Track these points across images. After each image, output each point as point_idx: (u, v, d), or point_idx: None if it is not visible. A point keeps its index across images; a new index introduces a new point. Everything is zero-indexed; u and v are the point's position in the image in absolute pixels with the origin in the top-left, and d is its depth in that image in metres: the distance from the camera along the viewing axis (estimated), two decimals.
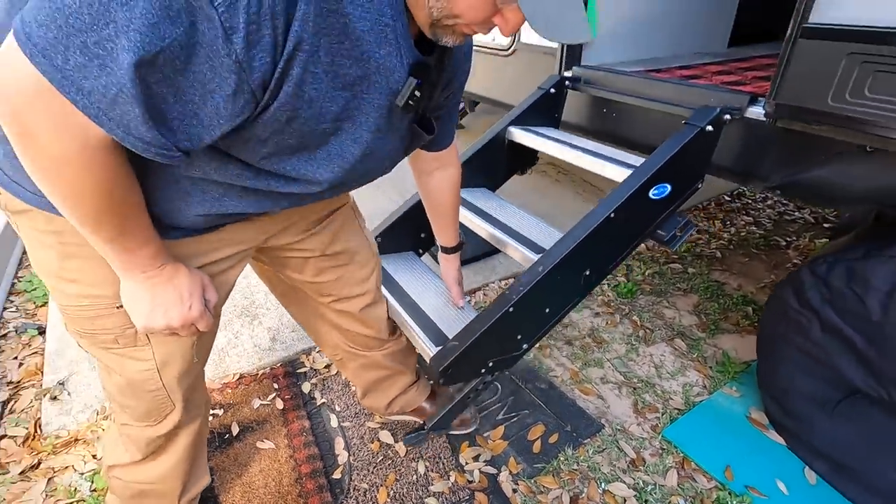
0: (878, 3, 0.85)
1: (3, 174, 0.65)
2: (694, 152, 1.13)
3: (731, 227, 2.43)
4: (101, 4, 0.42)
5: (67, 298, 0.72)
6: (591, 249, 1.07)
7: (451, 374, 1.00)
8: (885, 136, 0.88)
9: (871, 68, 0.87)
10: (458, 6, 0.57)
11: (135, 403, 0.83)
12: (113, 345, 0.75)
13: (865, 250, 1.06)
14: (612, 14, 1.74)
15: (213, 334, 0.87)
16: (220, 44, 0.46)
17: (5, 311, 1.86)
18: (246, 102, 0.51)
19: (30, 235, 0.69)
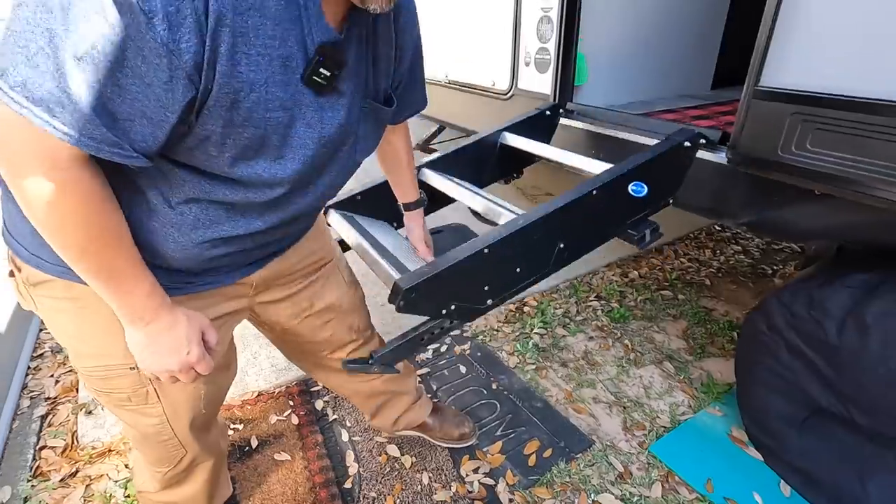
0: (814, 72, 1.00)
1: (25, 251, 0.71)
2: (670, 163, 1.22)
3: (721, 256, 2.56)
4: (35, 18, 0.46)
5: (84, 360, 0.78)
6: (569, 220, 1.10)
7: (415, 298, 0.93)
8: (826, 184, 1.02)
9: (811, 126, 1.02)
10: None
11: (150, 451, 0.93)
12: (126, 402, 0.82)
13: (823, 280, 1.19)
14: (600, 61, 1.92)
15: (225, 385, 0.96)
16: (144, 31, 0.47)
17: (41, 333, 2.01)
18: (185, 88, 0.52)
19: (48, 304, 0.75)
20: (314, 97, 0.64)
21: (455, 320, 1.05)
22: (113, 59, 0.48)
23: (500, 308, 2.13)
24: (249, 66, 0.55)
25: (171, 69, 0.50)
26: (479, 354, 1.87)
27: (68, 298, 0.72)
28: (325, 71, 0.62)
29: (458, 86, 2.36)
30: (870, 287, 1.09)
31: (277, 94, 0.59)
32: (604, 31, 1.88)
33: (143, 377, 0.79)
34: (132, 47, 0.48)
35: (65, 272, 0.67)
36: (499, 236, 1.00)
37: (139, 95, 0.51)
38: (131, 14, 0.46)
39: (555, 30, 1.72)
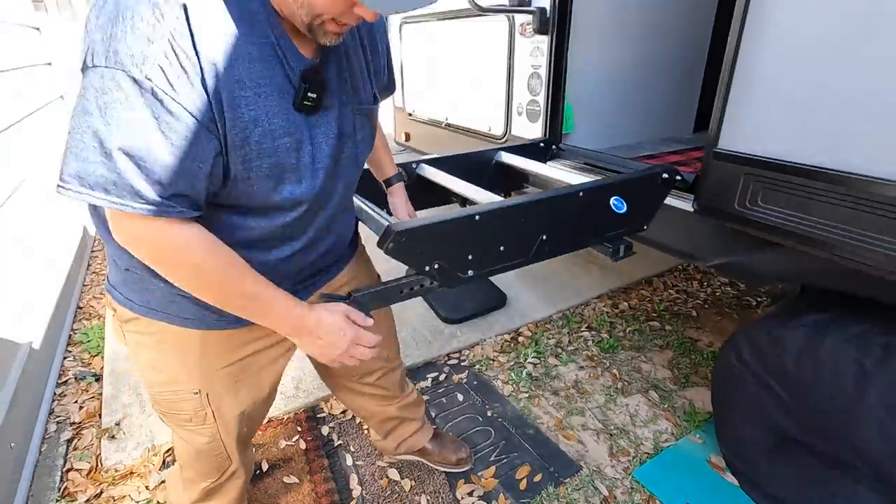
0: (762, 139, 1.15)
1: (119, 293, 0.87)
2: (648, 189, 1.31)
3: (708, 288, 2.68)
4: (84, 127, 0.59)
5: (157, 386, 0.92)
6: (556, 214, 1.15)
7: (404, 243, 0.93)
8: (776, 236, 1.16)
9: (760, 185, 1.16)
10: (316, 6, 0.65)
11: (201, 465, 1.06)
12: (188, 423, 0.96)
13: (783, 318, 1.32)
14: (586, 110, 2.08)
15: (265, 409, 1.09)
16: (162, 109, 0.59)
17: (65, 360, 2.14)
18: (207, 140, 0.64)
19: (133, 338, 0.89)
20: (305, 119, 0.75)
21: (435, 281, 1.05)
22: (147, 139, 0.60)
23: (495, 338, 2.25)
24: (248, 106, 0.66)
25: (193, 130, 0.62)
26: (476, 383, 1.98)
27: (149, 333, 0.87)
28: (311, 94, 0.73)
29: (456, 129, 2.53)
30: (821, 327, 1.22)
31: (280, 124, 0.70)
32: (588, 85, 2.06)
33: (203, 401, 0.93)
34: (159, 125, 0.60)
35: (147, 311, 0.84)
36: (491, 208, 1.05)
37: (173, 158, 0.62)
38: (149, 100, 0.59)
39: (543, 85, 1.89)
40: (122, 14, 0.58)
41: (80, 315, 2.52)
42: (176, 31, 0.60)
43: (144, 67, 0.58)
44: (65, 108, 3.82)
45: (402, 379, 1.40)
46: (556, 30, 1.79)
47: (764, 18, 1.10)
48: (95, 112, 0.59)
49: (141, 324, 0.87)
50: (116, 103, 0.59)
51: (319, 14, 0.66)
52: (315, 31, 0.69)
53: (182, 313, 0.85)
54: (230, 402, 0.97)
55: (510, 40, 2.01)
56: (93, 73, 0.60)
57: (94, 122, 0.60)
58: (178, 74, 0.60)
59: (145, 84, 0.59)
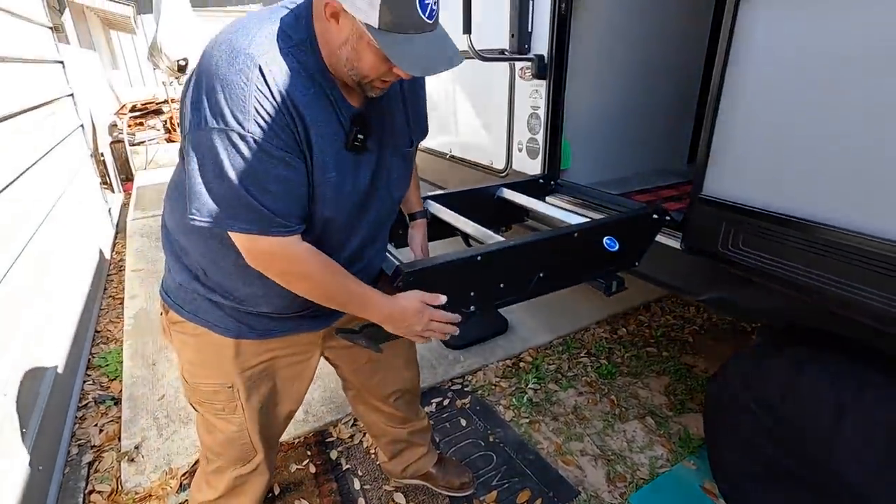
0: (741, 188, 1.25)
1: (171, 300, 1.04)
2: (639, 228, 1.39)
3: (704, 314, 2.76)
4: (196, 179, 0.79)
5: (198, 378, 1.08)
6: (551, 251, 1.24)
7: (412, 283, 1.04)
8: (757, 277, 1.25)
9: (741, 230, 1.26)
10: (362, 70, 0.80)
11: (230, 452, 1.17)
12: (221, 412, 1.11)
13: (768, 350, 1.40)
14: (582, 146, 2.19)
15: (289, 411, 1.21)
16: (276, 153, 0.77)
17: (84, 384, 2.23)
18: (301, 168, 0.81)
19: (179, 338, 1.07)
20: (354, 157, 0.89)
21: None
22: (275, 180, 0.79)
23: (497, 363, 2.33)
24: (317, 141, 0.82)
25: (290, 162, 0.79)
26: (478, 408, 2.06)
27: (193, 335, 1.03)
28: (360, 136, 0.88)
29: (460, 162, 2.65)
30: (801, 360, 1.30)
31: (331, 161, 0.85)
32: (584, 122, 2.17)
33: (235, 394, 1.08)
34: (264, 167, 0.78)
35: (193, 318, 1.01)
36: (492, 249, 1.15)
37: (288, 187, 0.80)
38: (253, 148, 0.76)
39: (542, 125, 2.01)
40: (218, 85, 0.75)
41: (98, 339, 2.62)
42: (260, 88, 0.75)
43: (246, 124, 0.75)
44: (85, 137, 3.98)
45: (417, 405, 1.50)
46: (553, 75, 1.91)
47: (741, 76, 1.21)
48: (209, 166, 0.77)
49: (187, 327, 1.03)
50: (228, 156, 0.76)
51: (366, 76, 0.81)
52: (364, 87, 0.84)
53: (220, 323, 1.01)
54: (256, 397, 1.11)
55: (511, 82, 2.13)
56: (204, 135, 0.76)
57: (209, 174, 0.77)
58: (268, 121, 0.76)
59: (248, 137, 0.75)
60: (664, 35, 2.29)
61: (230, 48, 0.76)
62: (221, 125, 0.74)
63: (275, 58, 0.77)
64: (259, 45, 0.76)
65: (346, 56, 0.79)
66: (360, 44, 0.77)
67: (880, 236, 1.01)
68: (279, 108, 0.76)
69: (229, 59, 0.75)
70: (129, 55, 9.79)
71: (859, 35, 0.98)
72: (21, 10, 2.98)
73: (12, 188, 2.04)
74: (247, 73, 0.74)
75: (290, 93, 0.78)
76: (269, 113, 0.75)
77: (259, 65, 0.75)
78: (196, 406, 1.14)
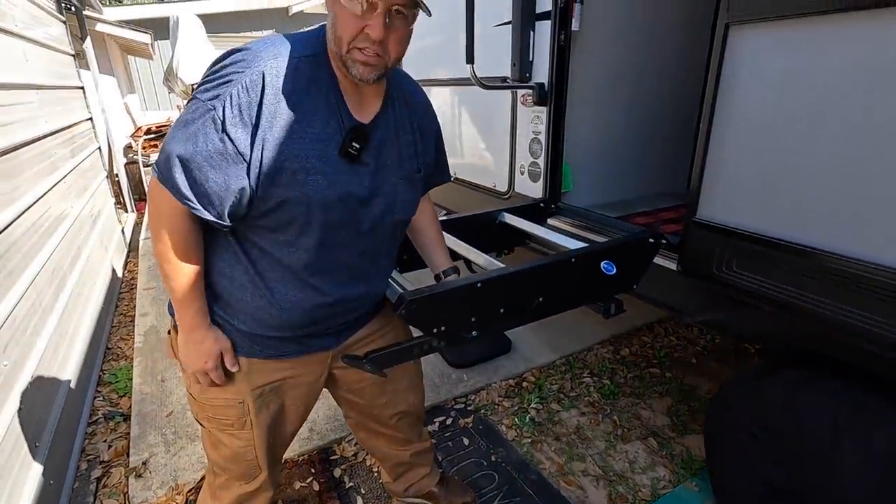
0: (733, 213, 1.30)
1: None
2: (636, 252, 1.41)
3: (707, 335, 2.76)
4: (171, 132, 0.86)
5: (207, 394, 1.10)
6: (550, 277, 1.27)
7: (415, 310, 1.06)
8: (752, 299, 1.29)
9: (733, 252, 1.30)
10: (340, 35, 0.84)
11: (235, 468, 1.20)
12: (229, 427, 1.13)
13: (767, 371, 1.42)
14: (583, 170, 2.25)
15: (292, 430, 1.23)
16: (220, 138, 0.82)
17: (95, 401, 2.28)
18: (238, 164, 0.85)
19: None
20: (348, 165, 0.93)
21: (443, 341, 1.16)
22: (196, 149, 0.83)
23: (500, 383, 2.35)
24: (293, 146, 0.86)
25: (229, 152, 0.84)
26: (481, 427, 2.07)
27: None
28: (355, 144, 0.92)
29: (465, 184, 2.72)
30: (799, 382, 1.32)
31: (318, 164, 0.88)
32: (585, 147, 2.23)
33: (245, 410, 1.10)
34: (207, 139, 0.83)
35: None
36: (491, 276, 1.17)
37: (215, 173, 0.84)
38: (208, 121, 0.82)
39: (543, 150, 2.07)
40: (223, 70, 0.84)
41: (109, 356, 2.67)
42: (247, 84, 0.82)
43: (215, 102, 0.82)
44: (102, 158, 4.11)
45: (419, 426, 1.52)
46: (554, 102, 1.98)
47: (730, 104, 1.26)
48: (180, 124, 0.85)
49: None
50: (192, 123, 0.84)
51: (339, 36, 0.84)
52: (347, 65, 0.87)
53: (233, 343, 1.04)
54: (265, 414, 1.13)
55: (513, 108, 2.21)
56: (191, 102, 0.85)
57: (175, 132, 0.85)
58: (235, 111, 0.82)
59: (210, 113, 0.82)
60: (664, 64, 2.36)
61: (249, 53, 0.85)
62: (199, 96, 0.84)
63: (283, 66, 0.85)
64: (274, 54, 0.85)
65: (331, 32, 0.86)
66: (335, 6, 0.84)
67: (868, 260, 1.04)
68: (258, 109, 0.83)
69: (242, 59, 0.84)
70: (146, 79, 10.10)
71: (842, 65, 1.04)
72: (48, 39, 3.13)
73: (33, 209, 2.12)
74: (246, 71, 0.83)
75: (283, 100, 0.84)
76: (238, 103, 0.82)
77: (263, 71, 0.83)
78: (203, 422, 1.16)
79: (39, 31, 3.00)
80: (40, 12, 3.16)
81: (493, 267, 1.41)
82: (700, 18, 2.28)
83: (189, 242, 0.94)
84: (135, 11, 9.35)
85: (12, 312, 1.67)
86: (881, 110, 0.98)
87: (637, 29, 2.23)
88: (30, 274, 1.90)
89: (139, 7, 10.97)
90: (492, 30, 2.17)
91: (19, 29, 2.54)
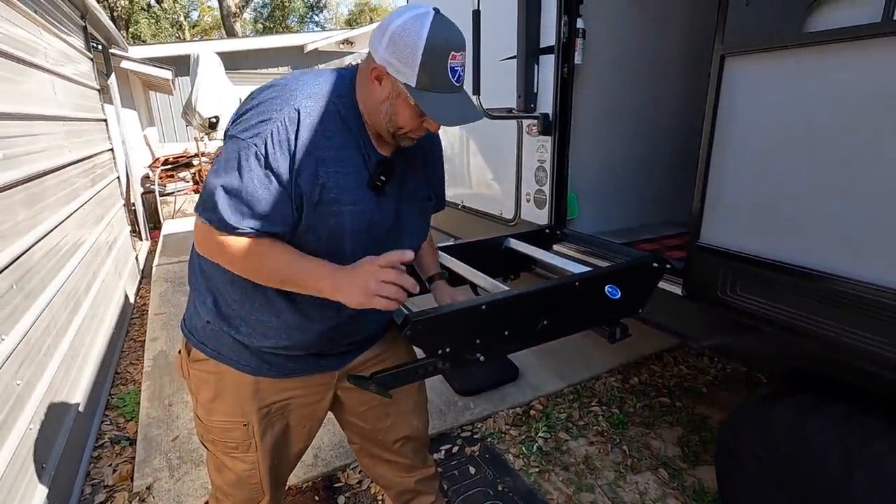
0: (735, 236, 1.31)
1: (195, 338, 1.09)
2: (641, 276, 1.40)
3: (718, 364, 2.72)
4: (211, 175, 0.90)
5: (214, 416, 1.10)
6: (554, 300, 1.27)
7: (420, 331, 1.06)
8: (757, 322, 1.29)
9: (736, 276, 1.31)
10: (399, 122, 0.94)
11: (238, 493, 1.19)
12: (234, 450, 1.13)
13: (774, 398, 1.40)
14: (589, 198, 2.29)
15: (296, 454, 1.23)
16: (261, 163, 0.87)
17: (102, 424, 2.28)
18: (284, 193, 0.89)
19: (198, 376, 1.11)
20: (374, 196, 0.99)
21: (447, 363, 1.14)
22: (247, 182, 0.88)
23: (508, 411, 2.32)
24: (328, 178, 0.92)
25: (275, 183, 0.88)
26: (488, 456, 2.04)
27: (214, 373, 1.08)
28: (382, 177, 0.98)
29: (472, 212, 2.76)
30: (807, 408, 1.30)
31: (350, 196, 0.94)
32: (590, 175, 2.27)
33: (250, 432, 1.10)
34: (255, 175, 0.88)
35: (217, 356, 1.06)
36: (496, 298, 1.18)
37: (269, 199, 0.89)
38: (253, 158, 0.87)
39: (548, 178, 2.12)
40: (259, 108, 0.90)
41: (118, 380, 2.69)
42: (285, 121, 0.88)
43: (256, 139, 0.88)
44: (120, 188, 4.24)
45: (424, 452, 1.50)
46: (558, 131, 2.03)
47: (728, 131, 1.30)
48: (221, 162, 0.89)
49: (209, 365, 1.08)
50: (235, 160, 0.88)
51: (401, 127, 0.95)
52: (398, 138, 0.98)
53: (243, 361, 1.06)
54: (270, 435, 1.13)
55: (519, 138, 2.27)
56: (230, 140, 0.90)
57: (219, 174, 0.89)
58: (276, 147, 0.88)
59: (252, 149, 0.87)
60: (665, 95, 2.43)
61: (283, 90, 0.91)
62: (239, 134, 0.89)
63: (316, 105, 0.92)
64: (308, 94, 0.92)
65: (386, 111, 0.94)
66: (398, 100, 0.92)
67: (868, 282, 1.05)
68: (294, 143, 0.88)
69: (277, 96, 0.90)
70: (165, 113, 10.47)
71: (829, 93, 1.07)
72: (76, 75, 3.30)
73: (53, 234, 2.19)
74: (283, 109, 0.88)
75: (315, 137, 0.90)
76: (279, 139, 0.87)
77: (299, 108, 0.89)
78: (208, 445, 1.16)
79: (69, 67, 3.17)
80: (71, 50, 3.34)
81: (497, 290, 1.42)
82: (698, 51, 2.36)
83: (245, 249, 0.91)
84: (158, 50, 9.78)
85: (28, 333, 1.70)
86: (867, 135, 1.02)
87: (638, 61, 2.30)
88: (46, 296, 1.95)
89: (162, 45, 11.50)
90: (498, 63, 2.25)
91: (50, 65, 2.69)
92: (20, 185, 1.93)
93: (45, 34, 2.71)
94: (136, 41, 18.79)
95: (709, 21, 1.40)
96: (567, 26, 1.93)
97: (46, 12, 2.82)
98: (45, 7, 2.82)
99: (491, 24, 1.96)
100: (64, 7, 3.33)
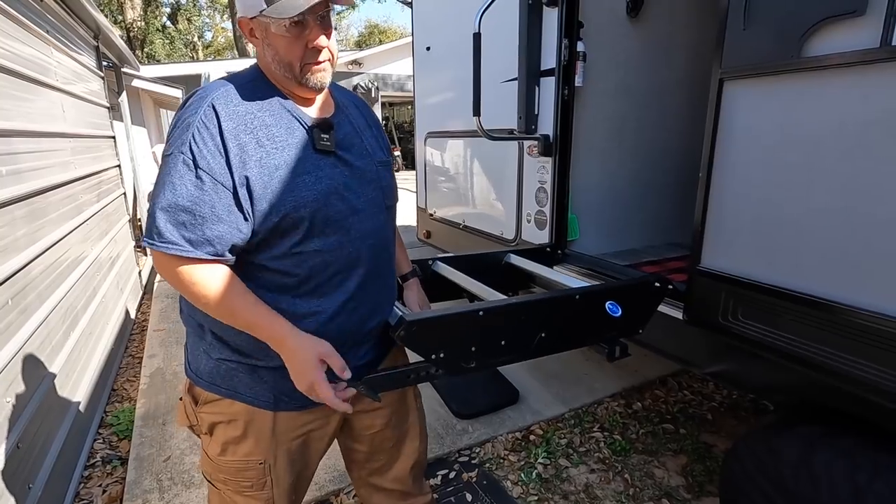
0: (735, 261, 1.29)
1: (204, 381, 1.04)
2: (642, 295, 1.39)
3: (723, 390, 2.66)
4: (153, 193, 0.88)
5: (229, 456, 1.05)
6: (552, 312, 1.25)
7: (414, 332, 1.04)
8: (758, 349, 1.25)
9: (738, 301, 1.28)
10: (285, 58, 0.90)
11: None
12: (248, 489, 1.07)
13: (780, 428, 1.35)
14: (590, 220, 2.27)
15: (304, 488, 1.18)
16: (197, 173, 0.84)
17: (95, 443, 2.25)
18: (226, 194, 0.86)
19: (209, 418, 1.05)
20: (328, 160, 0.97)
21: (441, 369, 1.12)
22: (186, 199, 0.85)
23: (507, 435, 2.26)
24: (271, 157, 0.90)
25: (214, 184, 0.86)
26: (485, 483, 1.98)
27: (228, 413, 1.03)
28: (323, 135, 0.95)
29: (473, 232, 2.75)
30: (814, 439, 1.25)
31: (301, 165, 0.91)
32: (592, 196, 2.27)
33: (266, 470, 1.05)
34: (195, 188, 0.85)
35: (233, 395, 1.01)
36: (494, 305, 1.16)
37: (208, 201, 0.86)
38: (190, 169, 0.85)
39: (549, 199, 2.11)
40: (181, 121, 0.89)
41: (113, 397, 2.66)
42: (203, 120, 0.86)
43: (182, 148, 0.86)
44: (126, 203, 4.28)
45: (422, 478, 1.45)
46: (559, 153, 2.03)
47: (727, 155, 1.29)
48: (157, 185, 0.87)
49: (222, 405, 1.03)
50: (166, 176, 0.86)
51: (291, 62, 0.90)
52: (302, 80, 0.92)
53: (260, 397, 1.02)
54: (287, 471, 1.09)
55: (520, 158, 2.27)
56: (161, 162, 0.89)
57: (155, 191, 0.87)
58: (202, 146, 0.86)
59: (180, 158, 0.85)
60: (665, 118, 2.43)
61: (196, 97, 0.91)
62: (166, 152, 0.88)
63: (231, 94, 0.91)
64: (219, 89, 0.91)
65: (272, 56, 0.91)
66: (269, 36, 0.90)
67: (868, 309, 1.02)
68: (216, 135, 0.86)
69: (192, 103, 0.90)
70: None
71: (833, 117, 1.06)
72: (86, 93, 3.36)
73: (54, 249, 2.20)
74: (199, 110, 0.87)
75: (239, 122, 0.89)
76: (202, 139, 0.86)
77: (213, 103, 0.88)
78: (216, 483, 1.10)
79: (79, 85, 3.23)
80: (83, 69, 3.41)
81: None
82: (698, 74, 2.37)
83: (208, 277, 0.89)
84: (171, 69, 10.01)
85: (21, 349, 1.69)
86: (866, 160, 1.00)
87: (638, 84, 2.31)
88: (42, 312, 1.95)
89: (175, 65, 11.75)
90: (500, 85, 2.27)
91: (60, 83, 2.74)
92: (22, 201, 1.94)
93: (57, 53, 2.77)
94: (150, 60, 19.26)
95: (709, 44, 1.39)
96: (568, 49, 1.94)
97: (59, 32, 2.89)
98: (58, 27, 2.89)
99: (492, 46, 1.98)
100: (78, 28, 3.41)
